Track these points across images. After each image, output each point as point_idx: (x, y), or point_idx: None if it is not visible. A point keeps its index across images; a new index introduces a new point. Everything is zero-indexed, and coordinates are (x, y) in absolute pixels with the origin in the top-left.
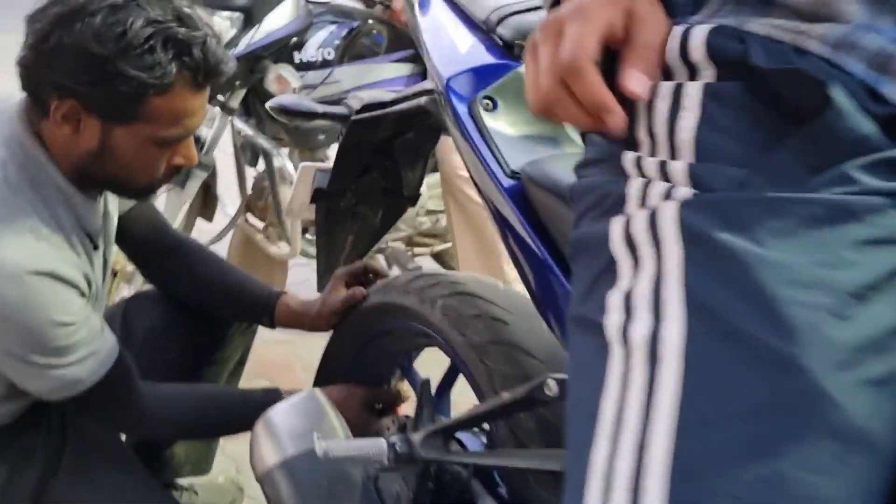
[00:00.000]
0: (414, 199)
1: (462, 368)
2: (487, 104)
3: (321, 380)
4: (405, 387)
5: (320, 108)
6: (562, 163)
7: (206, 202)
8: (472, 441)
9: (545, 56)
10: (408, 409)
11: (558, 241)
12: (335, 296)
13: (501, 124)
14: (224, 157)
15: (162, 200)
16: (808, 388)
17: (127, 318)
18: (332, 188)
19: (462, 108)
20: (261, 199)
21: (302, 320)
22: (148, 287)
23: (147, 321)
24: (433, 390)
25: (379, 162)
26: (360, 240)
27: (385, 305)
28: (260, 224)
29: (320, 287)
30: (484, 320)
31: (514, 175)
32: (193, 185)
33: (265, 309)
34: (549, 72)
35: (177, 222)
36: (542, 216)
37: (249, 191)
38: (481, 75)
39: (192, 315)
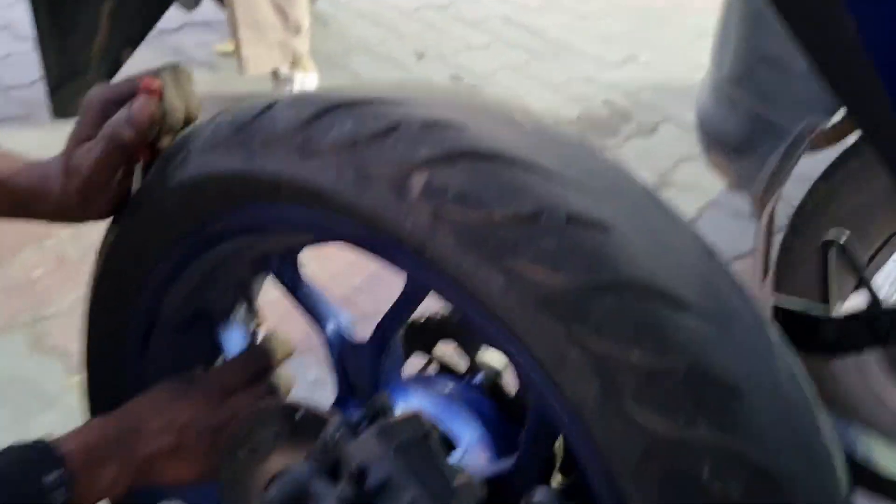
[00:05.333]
0: None
1: (507, 344)
2: None
3: (95, 344)
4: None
5: None
6: None
7: None
8: None
9: None
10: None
11: None
12: (88, 149)
13: None
14: None
15: None
16: None
17: None
18: None
19: None
20: None
21: (31, 205)
22: None
23: None
24: (351, 333)
25: None
26: (128, 9)
27: (236, 183)
28: None
29: (57, 110)
30: (552, 228)
31: None
32: None
33: None
34: None
35: None
36: None
37: None
38: None
39: None
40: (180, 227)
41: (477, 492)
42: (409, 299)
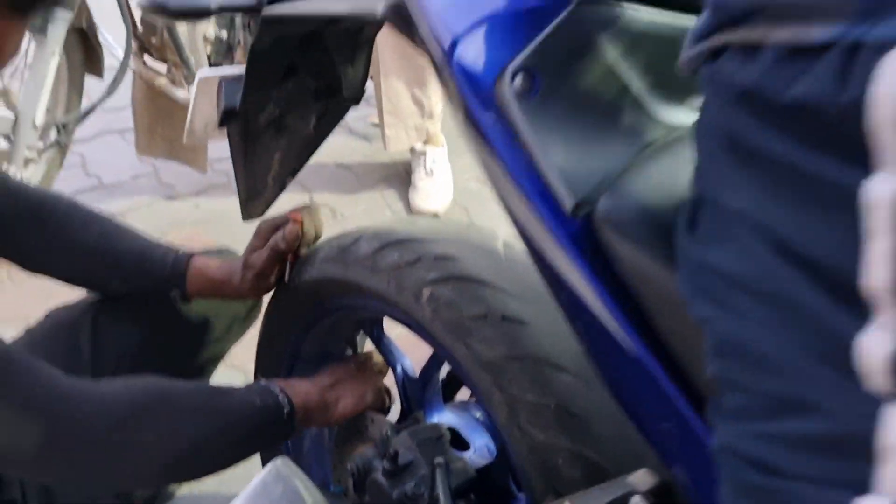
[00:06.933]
0: (357, 98)
1: (469, 385)
2: (524, 84)
3: (262, 366)
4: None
5: (214, 2)
6: (661, 177)
7: (89, 54)
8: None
9: None
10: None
11: (659, 323)
12: (258, 255)
13: (549, 118)
14: None
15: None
16: None
17: (97, 338)
18: (248, 104)
19: (477, 95)
20: (155, 36)
21: (223, 289)
22: None
23: (119, 341)
24: (414, 373)
25: (307, 59)
26: (291, 155)
27: (338, 282)
28: (161, 66)
29: (245, 215)
30: (493, 323)
31: (578, 211)
32: (58, 30)
33: (172, 279)
34: None
35: (49, 80)
36: (635, 282)
37: (140, 27)
38: (511, 30)
39: (166, 316)
40: (310, 304)
41: (467, 469)
42: (436, 357)
